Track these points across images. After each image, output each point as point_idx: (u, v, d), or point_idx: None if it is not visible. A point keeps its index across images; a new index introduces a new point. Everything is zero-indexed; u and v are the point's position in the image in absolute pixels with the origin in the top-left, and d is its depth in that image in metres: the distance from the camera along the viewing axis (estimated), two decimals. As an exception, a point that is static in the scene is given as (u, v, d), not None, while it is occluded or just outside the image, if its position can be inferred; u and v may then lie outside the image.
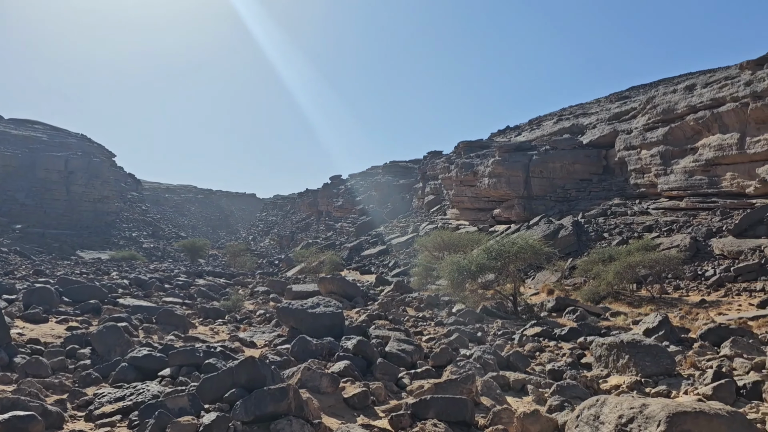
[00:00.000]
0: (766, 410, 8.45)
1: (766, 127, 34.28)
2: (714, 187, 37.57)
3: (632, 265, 28.33)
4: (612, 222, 40.65)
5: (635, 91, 66.65)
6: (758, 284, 26.55)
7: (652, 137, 42.89)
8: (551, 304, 24.13)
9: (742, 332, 16.26)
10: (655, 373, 11.38)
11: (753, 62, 37.88)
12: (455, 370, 11.42)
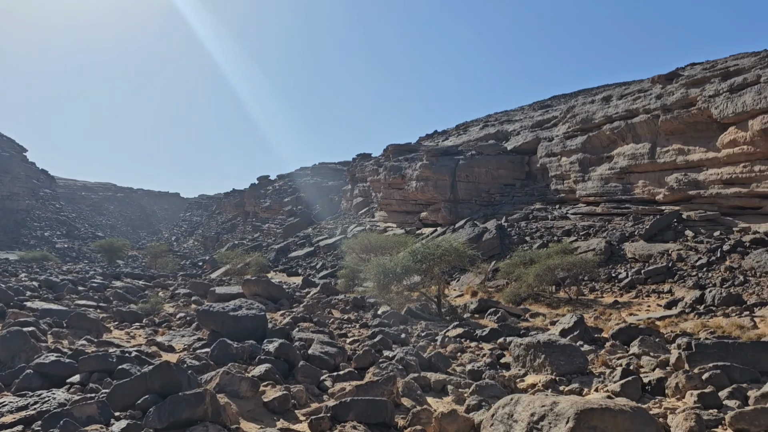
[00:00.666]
0: (668, 405, 8.92)
1: (674, 138, 36.41)
2: (628, 194, 39.53)
3: (551, 268, 29.38)
4: (533, 226, 42.00)
5: (557, 101, 69.28)
6: (666, 286, 28.12)
7: (572, 145, 44.68)
8: (474, 305, 24.64)
9: (650, 332, 17.17)
10: (569, 372, 11.80)
11: (663, 77, 40.19)
12: (377, 371, 11.44)
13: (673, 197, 35.89)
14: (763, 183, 30.79)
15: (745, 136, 30.91)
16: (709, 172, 33.75)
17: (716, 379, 9.51)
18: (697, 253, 30.33)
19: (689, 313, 22.78)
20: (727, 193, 32.73)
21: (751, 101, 30.34)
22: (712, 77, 34.71)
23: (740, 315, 21.19)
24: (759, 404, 7.82)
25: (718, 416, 7.80)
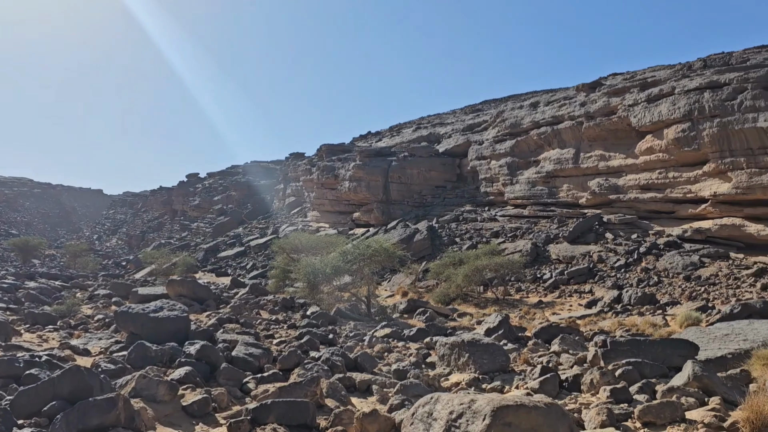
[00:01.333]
0: (583, 400, 9.25)
1: (597, 144, 37.95)
2: (553, 197, 40.89)
3: (480, 269, 30.02)
4: (463, 227, 42.78)
5: (488, 105, 70.84)
6: (587, 286, 29.26)
7: (501, 149, 45.80)
8: (403, 305, 24.82)
9: (571, 330, 17.80)
10: (491, 370, 12.05)
11: (587, 85, 41.82)
12: (302, 372, 11.31)
13: (595, 201, 37.40)
14: (676, 189, 32.54)
15: (660, 144, 32.57)
16: (628, 178, 35.36)
17: (628, 375, 9.92)
18: (616, 254, 31.73)
19: (607, 312, 23.78)
20: (644, 198, 34.39)
21: (666, 111, 32.00)
22: (631, 87, 36.39)
23: (654, 314, 22.30)
24: (665, 398, 8.21)
25: (628, 410, 8.13)
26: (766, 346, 11.28)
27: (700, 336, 13.17)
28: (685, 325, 17.53)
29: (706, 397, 8.41)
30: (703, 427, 7.10)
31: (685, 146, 30.91)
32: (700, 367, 9.06)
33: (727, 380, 9.67)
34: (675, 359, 11.09)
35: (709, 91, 30.40)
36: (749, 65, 31.42)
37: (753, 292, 23.76)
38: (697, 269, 27.59)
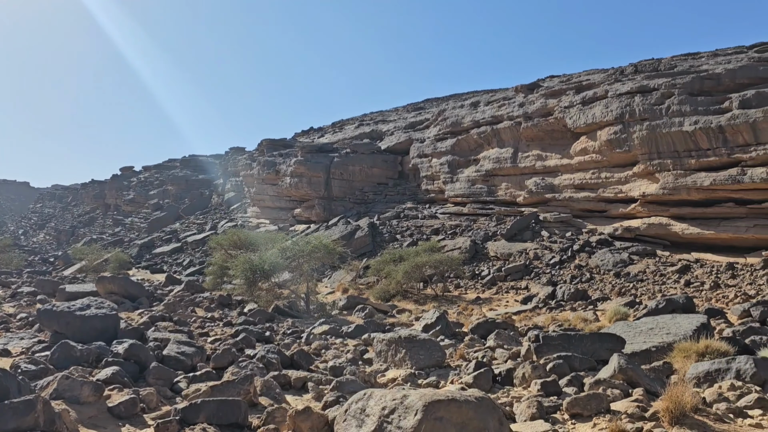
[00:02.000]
0: (515, 394, 9.44)
1: (534, 144, 38.92)
2: (492, 196, 41.68)
3: (420, 265, 30.27)
4: (404, 224, 43.06)
5: (429, 103, 71.56)
6: (523, 282, 29.98)
7: (442, 147, 46.33)
8: (343, 302, 24.76)
9: (506, 325, 18.17)
10: (428, 366, 12.15)
11: (526, 86, 42.79)
12: (236, 371, 11.07)
13: (532, 200, 38.35)
14: (608, 189, 33.75)
15: (594, 146, 33.69)
16: (563, 177, 36.42)
17: (558, 369, 10.19)
18: (552, 252, 32.64)
19: (542, 308, 24.45)
20: (579, 197, 35.51)
21: (599, 114, 33.13)
22: (567, 90, 37.48)
23: (585, 309, 23.07)
24: (592, 390, 8.47)
25: (558, 402, 8.34)
26: (687, 340, 11.81)
27: (627, 330, 13.68)
28: (613, 320, 18.19)
29: (630, 388, 8.72)
30: (626, 417, 7.35)
31: (617, 148, 32.09)
32: (626, 360, 9.39)
33: (650, 372, 10.07)
34: (603, 353, 11.46)
35: (640, 96, 31.66)
36: (676, 72, 32.89)
37: (677, 288, 24.91)
38: (626, 266, 28.70)
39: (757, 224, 27.38)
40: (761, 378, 8.82)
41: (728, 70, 30.11)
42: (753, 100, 27.16)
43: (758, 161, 26.79)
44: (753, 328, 16.28)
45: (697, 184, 28.57)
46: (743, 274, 25.13)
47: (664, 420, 7.12)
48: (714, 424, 7.15)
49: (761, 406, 7.75)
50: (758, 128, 26.50)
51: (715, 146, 28.11)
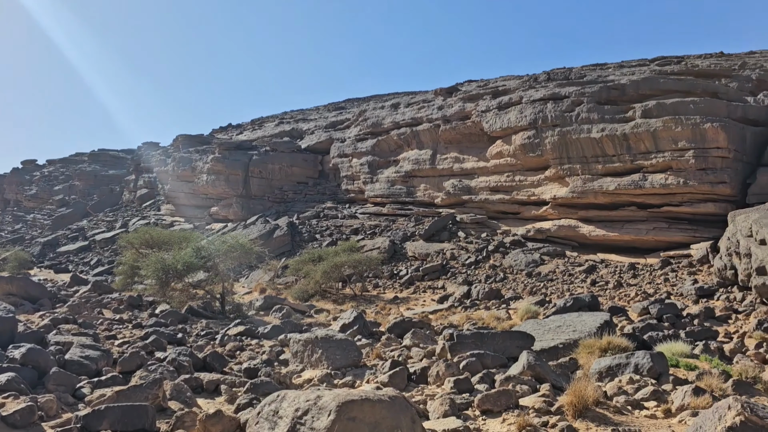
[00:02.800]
0: (429, 392, 9.60)
1: (452, 146, 39.76)
2: (411, 196, 42.23)
3: (339, 265, 30.22)
4: (324, 224, 42.88)
5: (350, 103, 71.63)
6: (440, 282, 30.54)
7: (362, 147, 46.49)
8: (260, 302, 24.34)
9: (422, 324, 18.44)
10: (344, 366, 12.13)
11: (445, 90, 43.65)
12: (144, 375, 10.61)
13: (450, 201, 39.17)
14: (521, 191, 34.98)
15: (509, 149, 34.83)
16: (479, 180, 37.43)
17: (471, 366, 10.45)
18: (467, 252, 33.46)
19: (457, 307, 25.00)
20: (494, 199, 36.60)
21: (514, 119, 34.28)
22: (484, 94, 38.54)
23: (498, 308, 23.79)
24: (502, 387, 8.74)
25: (470, 399, 8.54)
26: (591, 336, 12.41)
27: (537, 328, 14.22)
28: (524, 318, 18.85)
29: (538, 384, 9.06)
30: (534, 412, 7.63)
31: (530, 152, 33.32)
32: (534, 357, 9.74)
33: (557, 368, 10.51)
34: (513, 350, 11.85)
35: (552, 102, 33.04)
36: (585, 81, 34.56)
37: (584, 287, 26.16)
38: (537, 266, 29.85)
39: (656, 227, 29.21)
40: (657, 371, 9.39)
41: (632, 81, 31.95)
42: (654, 110, 28.96)
43: (658, 168, 28.60)
44: (651, 325, 17.37)
45: (603, 188, 30.13)
46: (643, 274, 26.73)
47: (568, 414, 7.44)
48: (613, 417, 7.54)
49: (656, 398, 8.25)
50: (658, 137, 28.28)
51: (620, 153, 29.75)
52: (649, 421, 7.55)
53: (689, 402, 7.72)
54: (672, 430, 7.07)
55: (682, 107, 28.42)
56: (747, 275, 20.96)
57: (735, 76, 33.72)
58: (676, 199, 28.39)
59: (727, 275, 22.61)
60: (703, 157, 27.16)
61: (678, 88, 30.61)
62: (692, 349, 13.52)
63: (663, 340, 14.32)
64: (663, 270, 26.54)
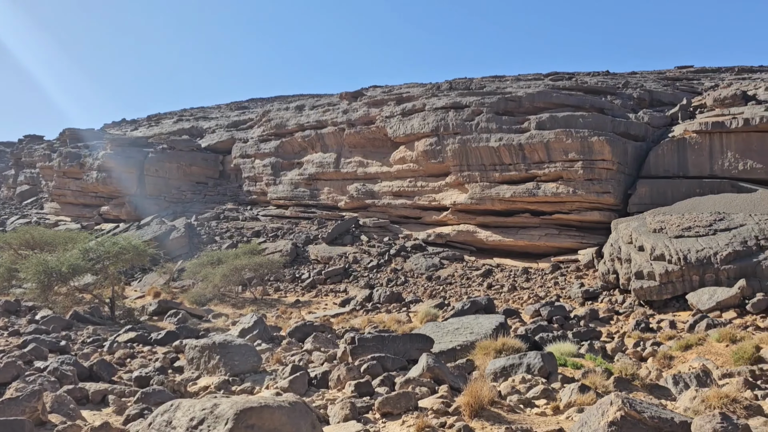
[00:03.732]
0: (330, 396, 9.53)
1: (357, 150, 39.97)
2: (314, 199, 42.00)
3: (239, 268, 29.48)
4: (224, 226, 41.70)
5: (254, 103, 70.26)
6: (342, 285, 30.55)
7: (266, 148, 45.71)
8: (154, 307, 23.25)
9: (324, 328, 18.36)
10: (243, 371, 11.80)
11: (350, 94, 43.82)
12: (22, 386, 9.80)
13: (353, 204, 39.33)
14: (423, 197, 35.74)
15: (412, 155, 35.49)
16: (383, 184, 37.86)
17: (372, 369, 10.49)
18: (370, 256, 33.71)
19: (359, 310, 25.10)
20: (396, 204, 37.15)
21: (417, 125, 34.99)
22: (389, 100, 39.07)
23: (399, 311, 24.13)
24: (402, 389, 8.83)
25: (370, 402, 8.56)
26: (487, 338, 12.84)
27: (436, 330, 14.53)
28: (424, 321, 19.22)
29: (436, 385, 9.25)
30: (432, 413, 7.77)
31: (432, 159, 34.14)
32: (433, 359, 9.94)
33: (455, 369, 10.78)
34: (414, 352, 12.03)
35: (453, 111, 34.04)
36: (485, 92, 35.90)
37: (481, 290, 27.10)
38: (437, 270, 30.59)
39: (548, 233, 30.83)
40: (547, 371, 9.87)
41: (528, 94, 33.57)
42: (547, 122, 30.56)
43: (550, 177, 30.19)
44: (542, 326, 18.25)
45: (500, 195, 31.39)
46: (535, 278, 28.09)
47: (465, 414, 7.64)
48: (507, 415, 7.82)
49: (546, 396, 8.66)
50: (551, 148, 29.87)
51: (516, 162, 31.13)
52: (540, 419, 7.90)
53: (576, 399, 8.16)
54: (560, 426, 7.42)
55: (573, 121, 30.20)
56: (627, 279, 22.55)
57: (619, 94, 36.29)
58: (566, 207, 30.09)
59: (610, 279, 24.21)
60: (590, 168, 28.99)
61: (569, 103, 32.53)
62: (579, 348, 14.34)
63: (553, 340, 15.07)
64: (553, 274, 28.00)
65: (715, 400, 7.90)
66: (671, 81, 43.70)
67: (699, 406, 7.92)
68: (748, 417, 7.67)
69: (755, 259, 20.51)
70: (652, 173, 29.84)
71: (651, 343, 15.54)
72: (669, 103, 36.66)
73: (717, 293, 19.61)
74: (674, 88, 40.55)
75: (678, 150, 29.34)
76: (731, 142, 28.12)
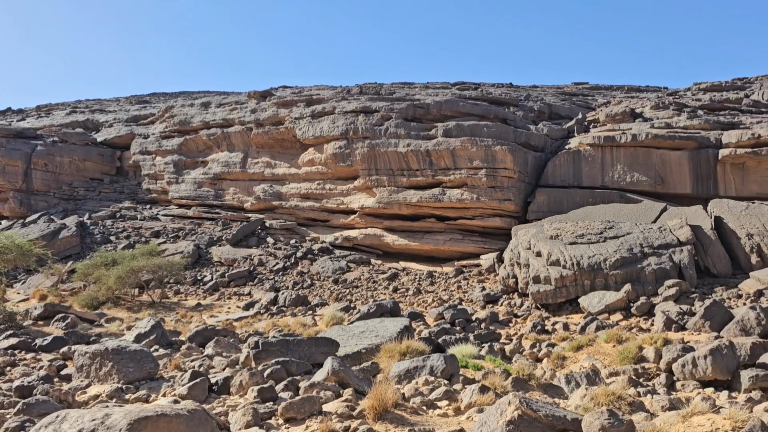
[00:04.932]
0: (231, 402, 9.24)
1: (264, 151, 39.27)
2: (219, 200, 40.83)
3: (136, 270, 28.07)
4: (121, 225, 39.65)
5: (156, 98, 67.39)
6: (246, 288, 29.86)
7: (168, 145, 43.94)
8: (39, 311, 21.67)
9: (227, 332, 17.83)
10: (138, 378, 11.22)
11: (259, 93, 43.03)
12: None
13: (259, 206, 38.59)
14: (331, 200, 35.65)
15: (321, 158, 35.32)
16: (290, 186, 37.41)
17: (276, 374, 10.28)
18: (276, 258, 33.18)
19: (264, 314, 24.61)
20: (304, 206, 36.82)
21: (327, 128, 34.89)
22: (299, 101, 38.72)
23: (305, 314, 23.89)
24: (306, 393, 8.72)
25: (273, 408, 8.38)
26: (392, 341, 12.96)
27: (342, 334, 14.50)
28: (330, 324, 19.13)
29: (341, 389, 9.20)
30: (336, 417, 7.72)
31: (341, 162, 34.14)
32: (338, 362, 9.88)
33: (359, 372, 10.79)
34: (319, 356, 11.93)
35: (363, 115, 34.23)
36: (395, 97, 36.39)
37: (387, 293, 27.36)
38: (344, 273, 30.58)
39: (452, 238, 31.64)
40: (449, 372, 10.09)
41: (436, 101, 34.36)
42: (453, 130, 31.41)
43: (455, 183, 31.03)
44: (445, 329, 18.67)
45: (407, 200, 31.88)
46: (440, 281, 28.73)
47: (369, 417, 7.65)
48: (410, 417, 7.91)
49: (448, 398, 8.85)
50: (456, 155, 30.71)
51: (423, 167, 31.75)
52: (442, 420, 8.05)
53: (476, 399, 8.39)
54: (461, 426, 7.60)
55: (478, 130, 31.22)
56: (525, 283, 23.56)
57: (521, 106, 37.94)
58: (469, 213, 31.02)
59: (509, 283, 25.19)
60: (494, 176, 30.07)
61: (475, 112, 33.61)
62: (480, 350, 14.79)
63: (455, 343, 15.46)
64: (457, 278, 28.76)
65: (603, 398, 8.39)
66: (568, 96, 46.27)
67: (588, 404, 8.38)
68: (632, 413, 8.21)
69: (639, 265, 22.05)
70: (550, 182, 31.39)
71: (546, 345, 16.28)
72: (566, 116, 38.80)
73: (606, 297, 20.90)
74: (571, 102, 42.97)
75: (573, 161, 31.05)
76: (621, 156, 30.11)
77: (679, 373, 11.25)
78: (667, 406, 8.92)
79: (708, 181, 28.66)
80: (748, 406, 8.93)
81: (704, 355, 10.83)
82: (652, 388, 10.80)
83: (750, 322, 14.95)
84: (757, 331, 14.60)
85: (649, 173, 29.46)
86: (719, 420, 5.90)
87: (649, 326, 18.56)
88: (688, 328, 16.95)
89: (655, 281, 21.49)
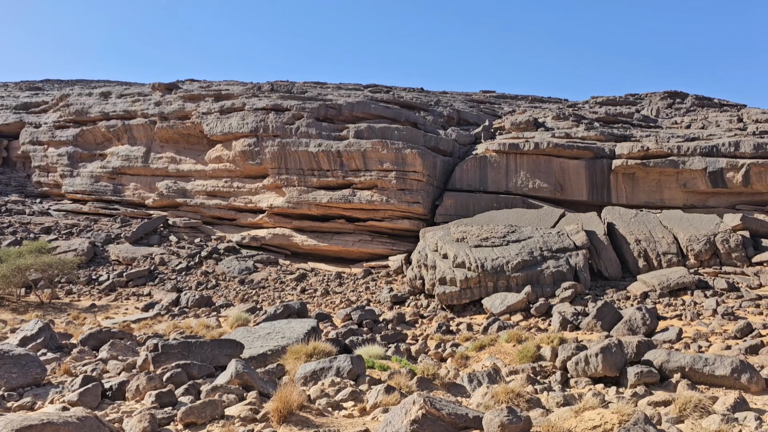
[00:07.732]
0: (126, 408, 8.77)
1: (169, 146, 37.76)
2: (118, 195, 38.84)
3: (23, 269, 26.16)
4: (7, 220, 36.81)
5: (50, 85, 63.17)
6: (146, 289, 28.56)
7: (62, 136, 41.32)
8: None
9: (123, 335, 16.93)
10: (22, 385, 10.43)
11: (164, 85, 41.37)
12: None
13: (162, 203, 37.06)
14: (239, 198, 34.83)
15: (229, 155, 34.43)
16: (196, 183, 36.20)
17: (176, 378, 9.87)
18: (179, 257, 31.96)
19: (164, 315, 23.64)
20: (210, 204, 35.74)
21: (236, 125, 34.06)
22: (207, 96, 37.54)
23: (209, 315, 23.16)
24: (208, 397, 8.43)
25: (172, 413, 8.04)
26: (299, 342, 12.81)
27: (247, 335, 14.16)
28: (235, 326, 18.65)
29: (245, 392, 8.97)
30: (240, 420, 7.52)
31: (250, 160, 33.43)
32: (243, 365, 9.64)
33: (264, 375, 10.58)
34: (222, 359, 11.59)
35: (274, 113, 33.70)
36: (306, 97, 36.08)
37: (294, 294, 27.04)
38: (251, 273, 29.94)
39: (362, 239, 31.78)
40: (355, 373, 10.10)
41: (348, 102, 34.40)
42: (365, 132, 31.57)
43: (366, 185, 31.19)
44: (352, 330, 18.70)
45: (317, 200, 31.70)
46: (348, 282, 28.76)
47: (273, 420, 7.50)
48: (315, 419, 7.84)
49: (354, 398, 8.84)
50: (367, 157, 30.88)
51: (334, 168, 31.69)
52: (347, 421, 8.04)
53: (382, 400, 8.44)
54: (366, 427, 7.61)
55: (389, 132, 31.55)
56: (432, 284, 24.04)
57: (431, 111, 38.73)
58: (379, 214, 31.28)
59: (417, 284, 25.61)
60: (403, 178, 30.50)
61: (386, 115, 33.94)
62: (386, 351, 14.92)
63: (362, 343, 15.51)
64: (365, 279, 28.90)
65: (502, 395, 8.69)
66: (477, 103, 47.76)
67: (489, 401, 8.65)
68: (530, 409, 8.55)
69: (539, 268, 23.09)
70: (457, 186, 32.25)
71: (450, 345, 16.68)
72: (474, 123, 40.00)
73: (507, 298, 21.72)
74: (479, 109, 44.37)
75: (480, 167, 32.06)
76: (524, 163, 31.42)
77: (573, 371, 11.84)
78: (561, 402, 9.36)
79: (602, 189, 30.49)
80: (634, 400, 9.54)
81: (596, 353, 11.46)
82: (549, 385, 11.32)
83: (636, 322, 16.03)
84: (643, 330, 15.68)
85: (550, 180, 30.93)
86: (608, 414, 6.26)
87: (547, 326, 19.46)
88: (582, 328, 17.93)
89: (553, 283, 22.58)
